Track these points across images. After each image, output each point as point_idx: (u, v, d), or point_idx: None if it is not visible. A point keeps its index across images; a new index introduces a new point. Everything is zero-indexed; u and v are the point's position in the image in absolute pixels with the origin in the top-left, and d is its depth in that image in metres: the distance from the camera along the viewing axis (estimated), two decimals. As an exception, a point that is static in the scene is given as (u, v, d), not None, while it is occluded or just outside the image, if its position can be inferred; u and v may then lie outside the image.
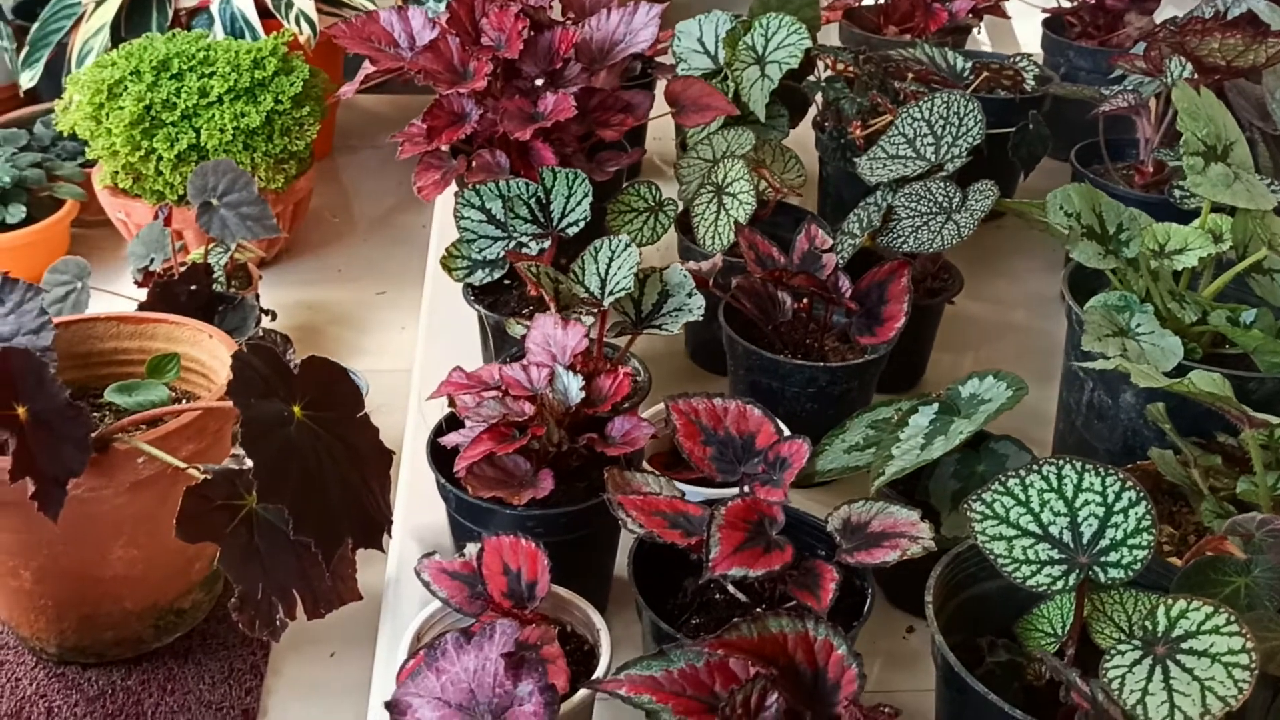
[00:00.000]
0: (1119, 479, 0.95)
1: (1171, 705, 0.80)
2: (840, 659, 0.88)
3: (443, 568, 1.08)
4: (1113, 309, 1.30)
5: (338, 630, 1.59)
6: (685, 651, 0.89)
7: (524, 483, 1.12)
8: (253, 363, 1.17)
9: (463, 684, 0.89)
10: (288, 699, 1.52)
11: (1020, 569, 0.95)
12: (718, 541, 0.99)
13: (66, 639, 1.52)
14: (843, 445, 1.30)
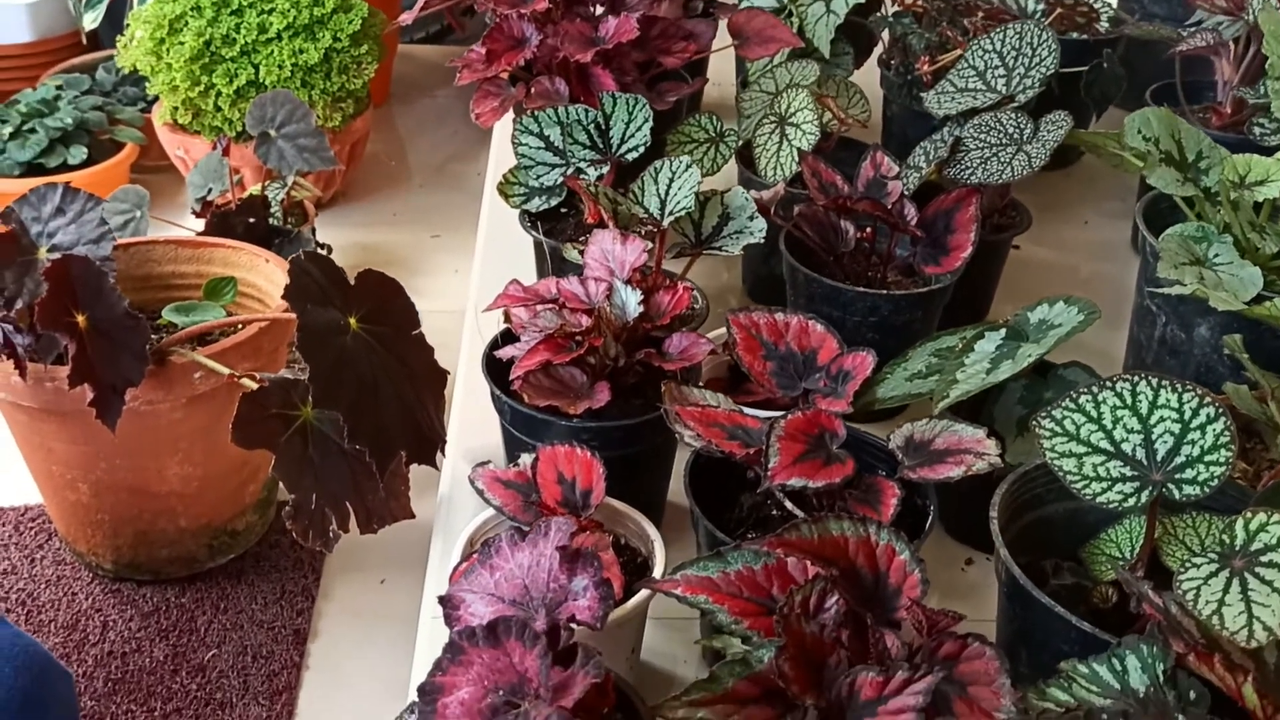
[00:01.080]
0: (1197, 395, 0.92)
1: (1250, 615, 0.77)
2: (903, 564, 0.85)
3: (497, 476, 1.07)
4: (1190, 239, 1.26)
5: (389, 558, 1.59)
6: (743, 553, 0.87)
7: (580, 394, 1.10)
8: (310, 270, 1.16)
9: (517, 580, 0.88)
10: (338, 622, 1.52)
11: (1090, 486, 0.92)
12: (777, 452, 0.97)
13: (122, 555, 1.53)
14: (904, 373, 1.27)
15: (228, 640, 1.48)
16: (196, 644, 1.47)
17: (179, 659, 1.44)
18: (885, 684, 0.78)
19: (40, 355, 1.31)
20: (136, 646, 1.46)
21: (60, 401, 1.32)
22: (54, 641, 1.44)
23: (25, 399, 1.33)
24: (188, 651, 1.46)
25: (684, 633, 1.14)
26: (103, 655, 1.44)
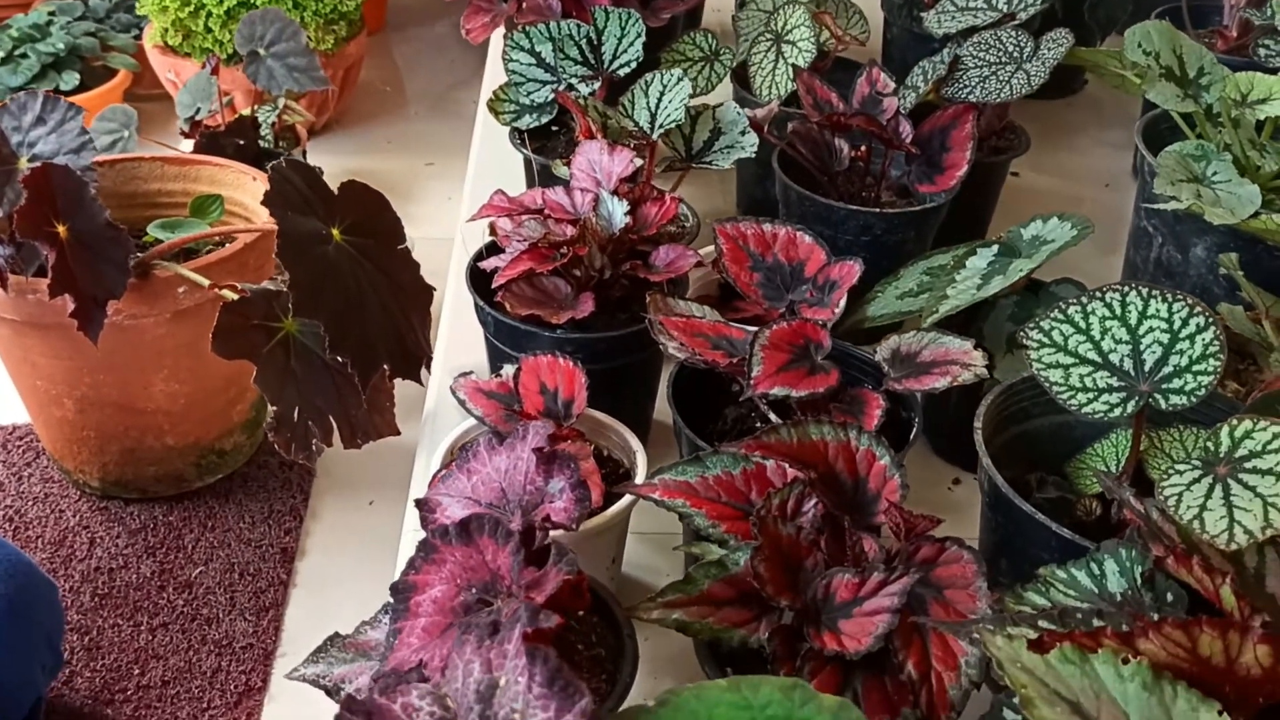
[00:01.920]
0: (1186, 304, 0.90)
1: (1231, 519, 0.76)
2: (883, 469, 0.84)
3: (479, 387, 1.06)
4: (1189, 157, 1.23)
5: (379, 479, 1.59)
6: (721, 458, 0.86)
7: (564, 304, 1.09)
8: (291, 178, 1.14)
9: (494, 483, 0.87)
10: (326, 541, 1.52)
11: (1076, 397, 0.90)
12: (760, 361, 0.96)
13: (109, 472, 1.53)
14: (896, 292, 1.26)
15: (215, 558, 1.48)
16: (184, 561, 1.47)
17: (166, 575, 1.44)
18: (861, 585, 0.78)
19: (21, 267, 1.29)
20: (124, 563, 1.46)
21: (43, 314, 1.30)
22: (41, 557, 1.44)
23: (8, 312, 1.32)
24: (174, 568, 1.46)
25: (667, 547, 1.13)
26: (89, 571, 1.45)
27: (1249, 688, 0.65)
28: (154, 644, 1.36)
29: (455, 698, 0.66)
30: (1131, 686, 0.64)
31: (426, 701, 0.65)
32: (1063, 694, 0.64)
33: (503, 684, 0.64)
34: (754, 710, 0.62)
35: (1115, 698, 0.64)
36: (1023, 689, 0.63)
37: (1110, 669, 0.65)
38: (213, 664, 1.34)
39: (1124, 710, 0.64)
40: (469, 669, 0.66)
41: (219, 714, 1.29)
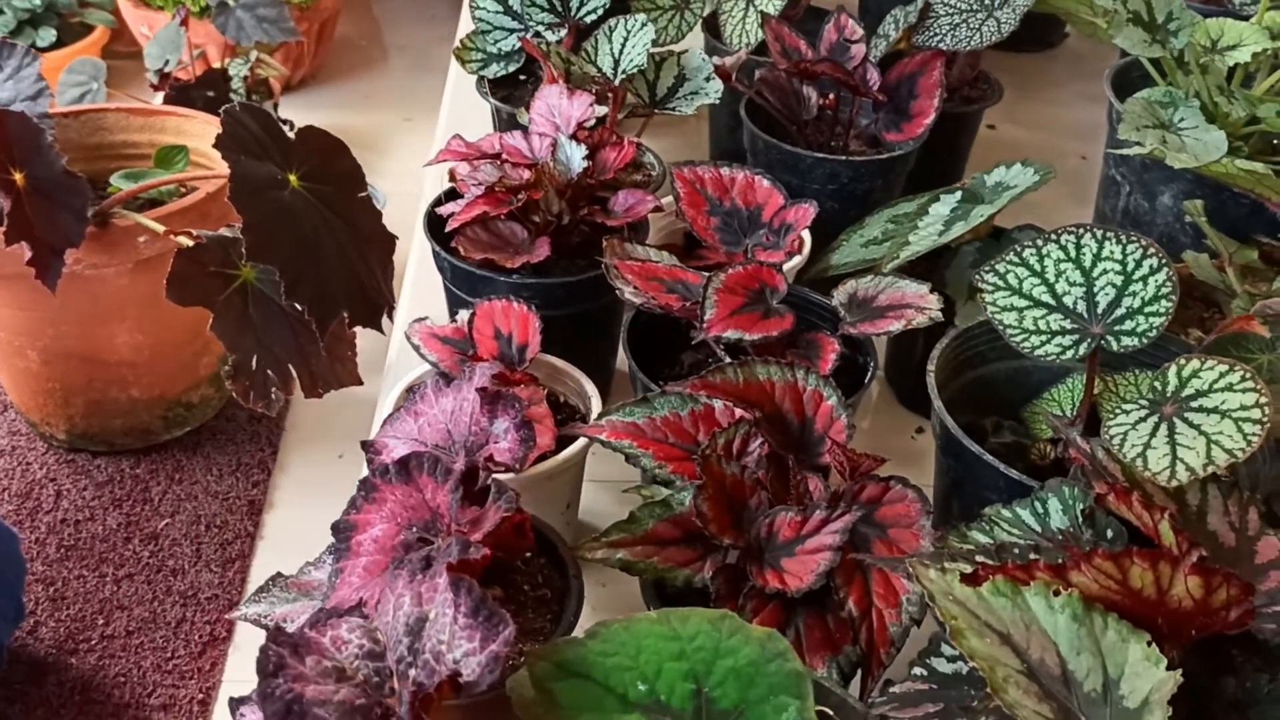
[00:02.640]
0: (1140, 245, 0.89)
1: (1174, 458, 0.76)
2: (830, 409, 0.84)
3: (433, 332, 1.05)
4: (1156, 104, 1.22)
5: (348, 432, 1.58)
6: (669, 399, 0.86)
7: (520, 249, 1.08)
8: (245, 122, 1.13)
9: (440, 424, 0.86)
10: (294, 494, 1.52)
11: (1030, 339, 0.90)
12: (714, 304, 0.95)
13: (75, 425, 1.52)
14: (860, 240, 1.25)
15: (181, 510, 1.47)
16: (150, 513, 1.47)
17: (132, 527, 1.44)
18: (804, 524, 0.77)
19: (-21, 216, 1.28)
20: (90, 515, 1.46)
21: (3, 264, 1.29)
22: (7, 509, 1.44)
23: (-32, 262, 1.31)
24: (141, 520, 1.45)
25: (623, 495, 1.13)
26: (55, 523, 1.44)
27: (1180, 620, 0.65)
28: (119, 595, 1.35)
29: (386, 631, 0.65)
30: (1062, 618, 0.64)
31: (356, 635, 0.65)
32: (993, 626, 0.64)
33: (432, 617, 0.64)
34: (682, 641, 0.62)
35: (1045, 629, 0.64)
36: (953, 620, 0.63)
37: (1041, 601, 0.65)
38: (177, 614, 1.34)
39: (1053, 641, 0.64)
40: (399, 603, 0.65)
41: (183, 663, 1.29)
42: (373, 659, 0.63)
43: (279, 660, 0.60)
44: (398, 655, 0.63)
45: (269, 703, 0.59)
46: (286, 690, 0.59)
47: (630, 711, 0.61)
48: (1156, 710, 0.61)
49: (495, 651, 0.58)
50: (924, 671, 0.73)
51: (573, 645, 0.63)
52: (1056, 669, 0.63)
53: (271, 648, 0.61)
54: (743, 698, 0.60)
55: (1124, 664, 0.63)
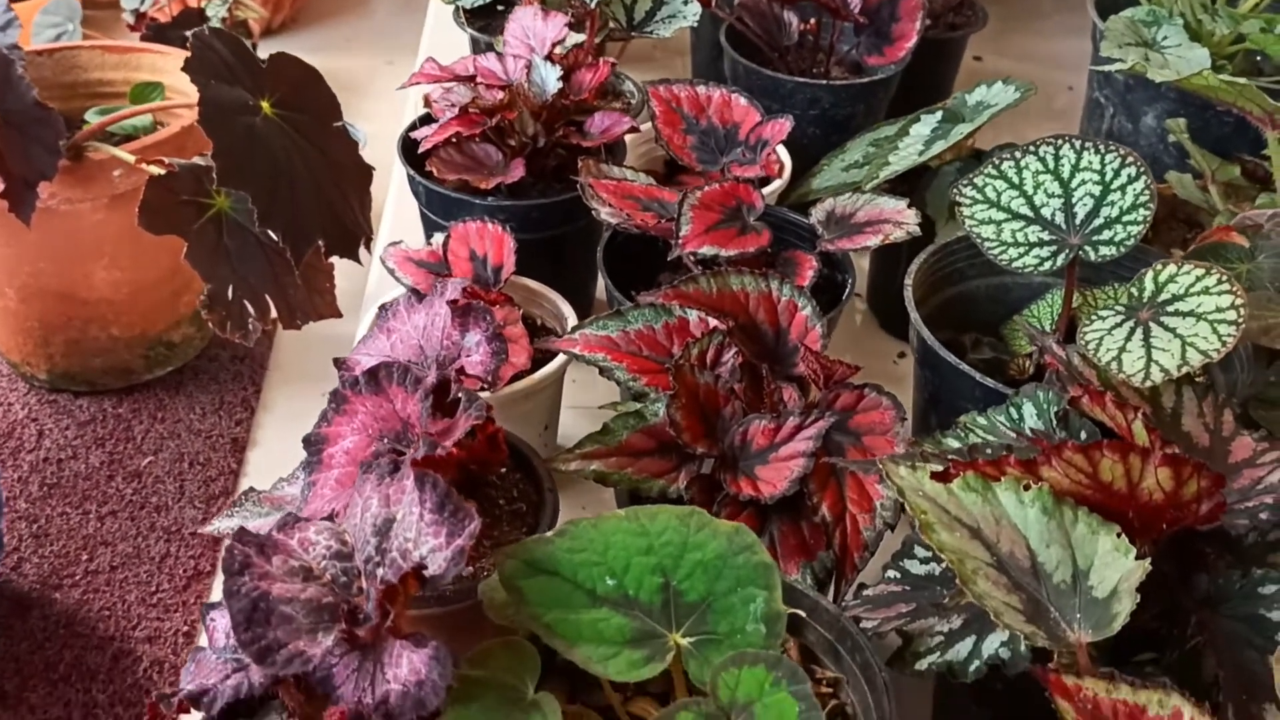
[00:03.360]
0: (1119, 155, 0.88)
1: (1149, 360, 0.75)
2: (804, 319, 0.83)
3: (408, 256, 1.04)
4: (1139, 22, 1.21)
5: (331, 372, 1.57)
6: (642, 311, 0.85)
7: (494, 171, 1.07)
8: (215, 46, 1.11)
9: (412, 341, 0.86)
10: (278, 432, 1.51)
11: (1007, 251, 0.89)
12: (689, 220, 0.94)
13: (56, 364, 1.51)
14: (841, 164, 1.24)
15: (164, 448, 1.47)
16: (133, 451, 1.46)
17: (115, 465, 1.44)
18: (777, 431, 0.77)
19: (-50, 150, 1.26)
20: (72, 454, 1.45)
21: (-24, 200, 1.27)
22: (-11, 449, 1.44)
23: (-58, 199, 1.29)
24: (123, 458, 1.45)
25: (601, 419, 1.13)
26: (38, 461, 1.44)
27: (1151, 514, 0.65)
28: (102, 531, 1.35)
29: (354, 533, 0.65)
30: (1032, 512, 0.64)
31: (324, 536, 0.64)
32: (963, 520, 0.63)
33: (399, 517, 0.63)
34: (650, 537, 0.62)
35: (1015, 523, 0.64)
36: (923, 515, 0.63)
37: (1011, 495, 0.64)
38: (161, 550, 1.33)
39: (1023, 535, 0.64)
40: (367, 504, 0.65)
41: (167, 597, 1.29)
42: (341, 559, 0.63)
43: (244, 559, 0.60)
44: (365, 556, 0.63)
45: (234, 600, 0.59)
46: (252, 588, 0.59)
47: (599, 606, 0.61)
48: (1125, 598, 0.61)
49: (460, 545, 0.58)
50: (897, 574, 0.73)
51: (541, 543, 0.63)
52: (1026, 561, 0.63)
53: (237, 546, 0.60)
54: (710, 590, 0.60)
55: (1093, 555, 0.63)
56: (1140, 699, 0.59)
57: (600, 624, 0.60)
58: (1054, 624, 0.61)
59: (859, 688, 0.68)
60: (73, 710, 1.19)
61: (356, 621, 0.59)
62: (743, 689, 0.55)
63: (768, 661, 0.55)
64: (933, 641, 0.68)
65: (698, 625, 0.60)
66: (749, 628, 0.58)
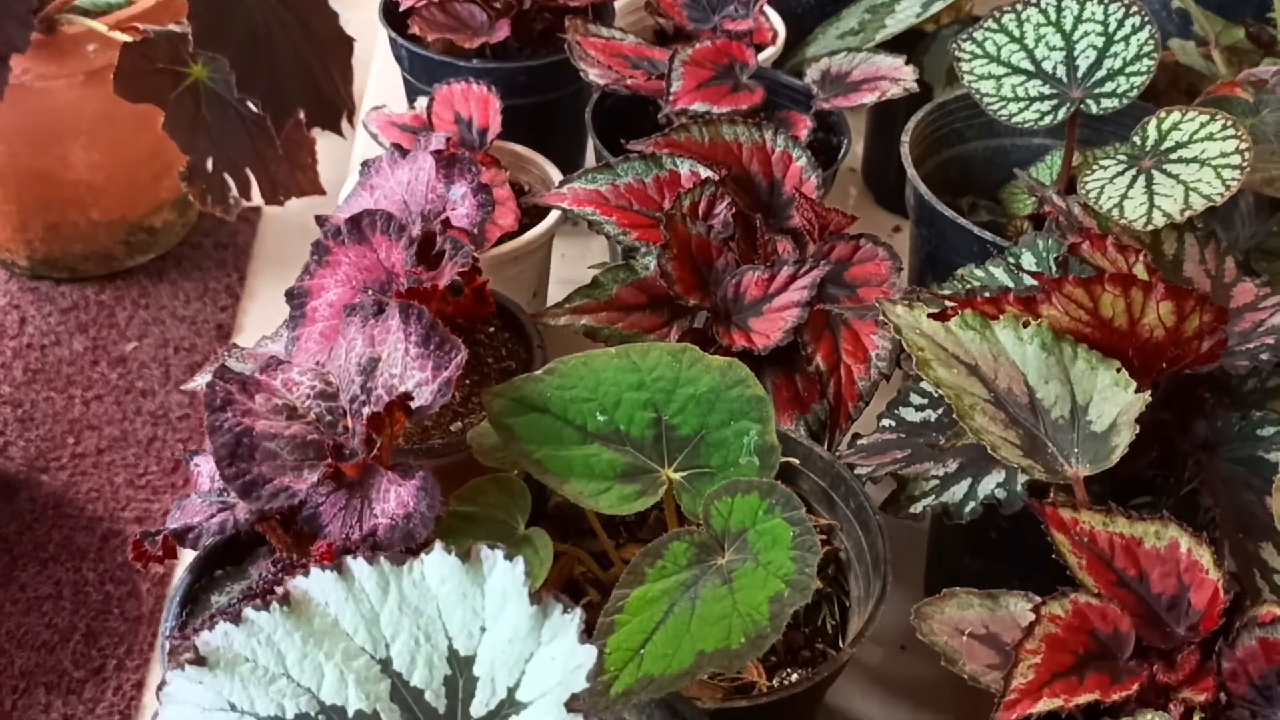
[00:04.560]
0: (1123, 5, 0.86)
1: (1151, 205, 0.74)
2: (799, 170, 0.81)
3: (391, 120, 1.01)
4: (1144, -118, 1.16)
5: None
6: (632, 164, 0.83)
7: (479, 31, 1.03)
8: (187, -96, 1.07)
9: (396, 196, 0.83)
10: (264, 318, 1.49)
11: (1007, 107, 0.87)
12: (680, 76, 0.92)
13: (35, 250, 1.48)
14: (836, 31, 1.20)
15: (148, 334, 1.45)
16: (116, 337, 1.44)
17: (98, 351, 1.42)
18: (771, 281, 0.76)
19: (-83, 22, 1.22)
20: (55, 340, 1.43)
21: (-54, 76, 1.24)
22: (-29, 336, 1.42)
23: (-90, 75, 1.25)
24: (107, 344, 1.43)
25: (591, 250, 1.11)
26: (20, 348, 1.42)
27: (1151, 352, 0.64)
28: (88, 415, 1.34)
29: (338, 374, 0.64)
30: (1030, 349, 0.63)
31: (308, 377, 0.63)
32: (960, 357, 0.62)
33: (384, 357, 0.62)
34: (642, 373, 0.61)
35: (1014, 360, 0.63)
36: (920, 352, 0.61)
37: (1010, 333, 0.63)
38: (148, 434, 1.32)
39: (1022, 371, 0.63)
40: (352, 345, 0.64)
41: (155, 479, 1.28)
42: (325, 399, 0.62)
43: (226, 395, 0.59)
44: (351, 395, 0.62)
45: (217, 435, 0.57)
46: (235, 424, 0.58)
47: (590, 442, 0.60)
48: (1124, 431, 0.60)
49: (447, 377, 0.56)
50: (892, 422, 0.72)
51: (531, 381, 0.62)
52: (1024, 398, 0.62)
53: (218, 383, 0.59)
54: (703, 424, 0.59)
55: (1092, 391, 0.62)
56: (1137, 531, 0.59)
57: (591, 459, 0.59)
58: (1051, 458, 0.60)
59: (853, 533, 0.68)
60: (63, 588, 1.19)
61: (342, 457, 0.58)
62: (736, 517, 0.54)
63: (761, 489, 0.54)
64: (928, 485, 0.67)
65: (690, 459, 0.59)
66: (742, 461, 0.58)
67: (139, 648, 1.14)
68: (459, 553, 0.44)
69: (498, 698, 0.42)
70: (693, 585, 0.53)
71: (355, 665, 0.43)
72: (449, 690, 0.43)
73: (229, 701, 0.42)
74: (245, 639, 0.43)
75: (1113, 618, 0.57)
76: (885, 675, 0.80)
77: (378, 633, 0.44)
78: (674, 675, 0.50)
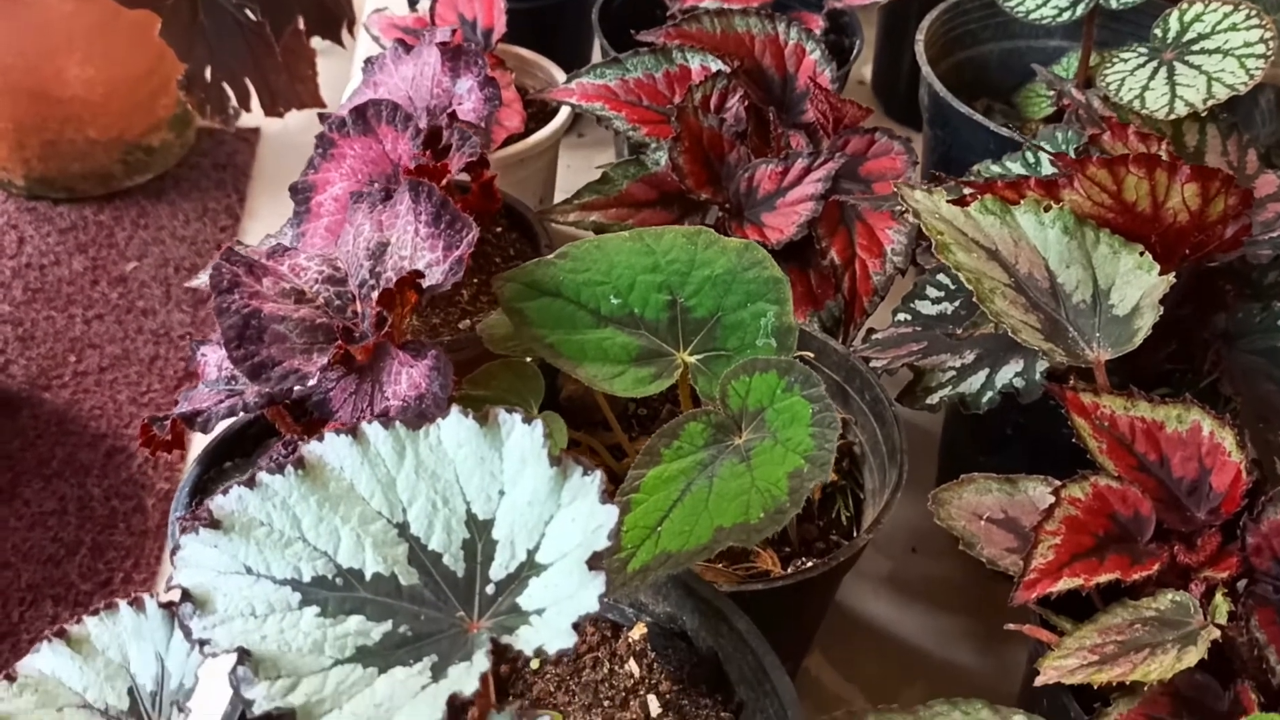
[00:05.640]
0: (1146, -105, 0.83)
1: (1173, 95, 0.72)
2: (813, 64, 0.80)
3: (393, 22, 0.99)
4: None
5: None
6: (642, 58, 0.81)
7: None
8: None
9: (400, 92, 0.81)
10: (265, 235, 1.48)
11: (1024, 2, 0.85)
12: (690, -27, 0.89)
13: (33, 169, 1.47)
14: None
15: (148, 254, 1.43)
16: (116, 257, 1.43)
17: (99, 270, 1.41)
18: (785, 174, 0.74)
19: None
20: (55, 259, 1.42)
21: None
22: (-32, 256, 1.40)
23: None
24: (107, 264, 1.42)
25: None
26: (20, 268, 1.40)
27: (1175, 237, 0.63)
28: (89, 334, 1.33)
29: (346, 260, 0.62)
30: (1052, 233, 0.62)
31: (315, 263, 0.62)
32: (980, 242, 0.61)
33: (393, 241, 0.61)
34: (656, 255, 0.59)
35: (1035, 244, 0.62)
36: (939, 236, 0.60)
37: (1031, 217, 0.62)
38: (150, 352, 1.31)
39: (1043, 256, 0.61)
40: (360, 231, 0.62)
41: (158, 396, 1.28)
42: (333, 284, 0.61)
43: (233, 277, 0.57)
44: (360, 280, 0.60)
45: (225, 317, 0.56)
46: (243, 305, 0.57)
47: (604, 326, 0.59)
48: (1147, 313, 0.59)
49: (459, 255, 0.55)
50: (907, 316, 0.71)
51: (542, 265, 0.61)
52: (1045, 282, 0.61)
53: (224, 265, 0.58)
54: (719, 305, 0.58)
55: (1114, 275, 0.61)
56: (1158, 415, 0.58)
57: (605, 343, 0.58)
58: (1072, 342, 0.60)
59: (868, 426, 0.67)
60: (68, 504, 1.18)
61: (352, 339, 0.57)
62: (753, 396, 0.53)
63: (779, 367, 0.53)
64: (945, 376, 0.66)
65: (706, 342, 0.58)
66: (759, 343, 0.57)
67: (145, 561, 1.14)
68: (476, 416, 0.43)
69: (517, 560, 0.42)
70: (710, 464, 0.52)
71: (372, 529, 0.43)
72: (468, 553, 0.42)
73: (244, 565, 0.42)
74: (260, 503, 0.42)
75: (1133, 500, 0.56)
76: (896, 577, 0.80)
77: (394, 497, 0.43)
78: (691, 551, 0.49)
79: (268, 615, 0.41)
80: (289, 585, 0.41)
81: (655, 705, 0.52)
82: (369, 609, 0.41)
